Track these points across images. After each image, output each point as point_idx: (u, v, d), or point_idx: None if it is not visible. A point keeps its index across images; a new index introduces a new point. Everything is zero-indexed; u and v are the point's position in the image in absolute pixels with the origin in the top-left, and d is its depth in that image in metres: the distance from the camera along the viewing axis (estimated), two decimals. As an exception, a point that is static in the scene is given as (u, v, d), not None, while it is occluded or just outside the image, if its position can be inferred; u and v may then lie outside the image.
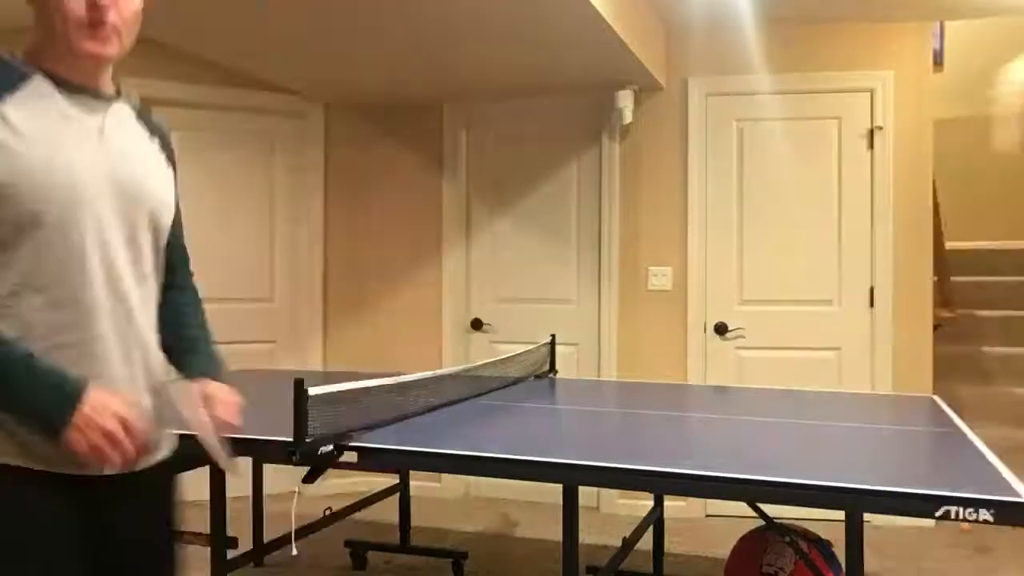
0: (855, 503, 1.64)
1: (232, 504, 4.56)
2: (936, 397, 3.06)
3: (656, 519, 3.28)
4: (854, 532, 1.80)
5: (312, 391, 2.04)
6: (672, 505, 4.32)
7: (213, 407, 1.43)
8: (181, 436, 1.50)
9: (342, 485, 4.84)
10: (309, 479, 2.09)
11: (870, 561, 3.66)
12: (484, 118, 4.78)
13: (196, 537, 2.64)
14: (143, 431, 1.28)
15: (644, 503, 4.40)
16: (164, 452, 1.47)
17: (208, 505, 2.78)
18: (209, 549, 2.58)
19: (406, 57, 3.88)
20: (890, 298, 4.21)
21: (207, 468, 3.84)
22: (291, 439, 2.02)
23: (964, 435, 2.24)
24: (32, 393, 1.21)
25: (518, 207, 4.72)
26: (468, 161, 4.81)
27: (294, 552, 3.72)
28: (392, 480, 4.84)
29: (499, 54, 3.82)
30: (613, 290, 4.48)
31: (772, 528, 2.63)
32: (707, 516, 4.36)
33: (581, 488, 2.18)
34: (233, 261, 4.70)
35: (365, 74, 4.20)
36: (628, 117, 4.30)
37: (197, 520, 4.13)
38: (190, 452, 1.50)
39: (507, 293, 4.75)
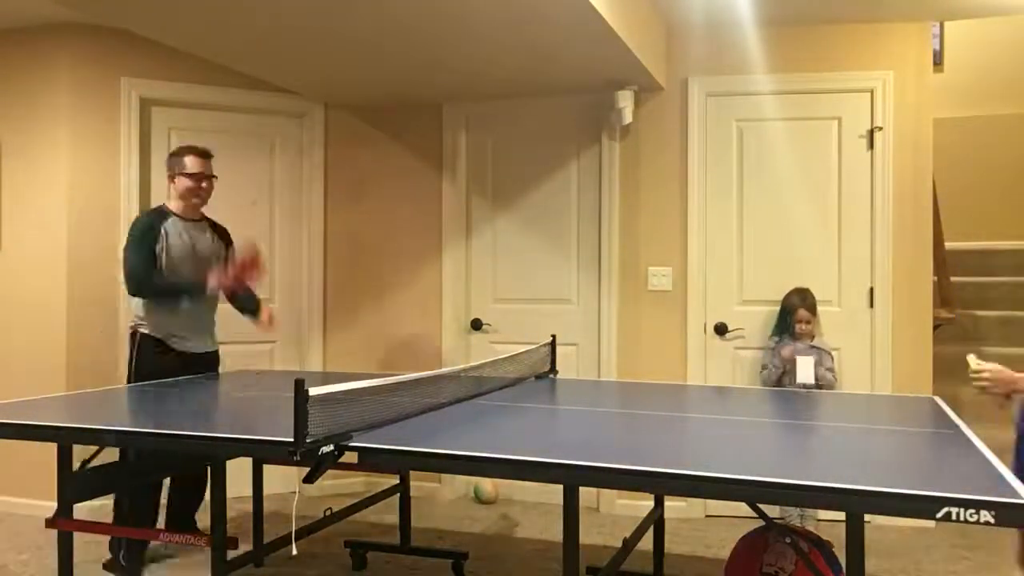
0: (855, 504, 1.64)
1: (232, 504, 4.56)
2: (936, 397, 3.06)
3: (656, 519, 3.28)
4: (854, 533, 1.80)
5: (312, 391, 2.04)
6: (672, 505, 4.32)
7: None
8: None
9: (342, 485, 4.84)
10: (309, 479, 2.08)
11: (870, 561, 3.66)
12: (484, 118, 4.78)
13: (196, 537, 2.64)
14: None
15: (644, 503, 4.40)
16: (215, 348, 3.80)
17: (208, 505, 2.77)
18: (209, 549, 2.58)
19: (406, 57, 3.88)
20: (890, 298, 4.21)
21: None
22: (291, 439, 2.02)
23: (964, 436, 2.24)
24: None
25: (518, 207, 4.72)
26: (468, 161, 4.81)
27: (294, 552, 3.72)
28: (392, 480, 4.85)
29: (499, 54, 3.82)
30: (613, 290, 4.48)
31: (772, 528, 2.63)
32: (707, 516, 4.37)
33: (581, 488, 2.17)
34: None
35: (365, 74, 4.20)
36: (628, 117, 4.30)
37: (197, 520, 4.13)
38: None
39: (507, 293, 4.75)
